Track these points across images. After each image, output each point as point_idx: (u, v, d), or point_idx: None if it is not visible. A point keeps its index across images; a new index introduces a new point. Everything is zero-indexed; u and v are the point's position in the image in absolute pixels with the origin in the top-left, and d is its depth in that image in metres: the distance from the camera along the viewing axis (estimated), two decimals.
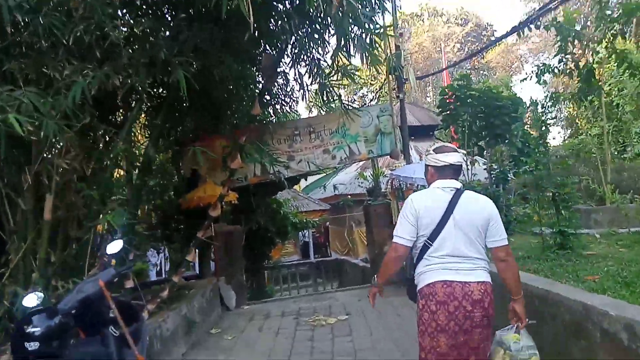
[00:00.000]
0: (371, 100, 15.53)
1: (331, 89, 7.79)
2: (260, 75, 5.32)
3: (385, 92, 11.39)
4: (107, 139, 5.03)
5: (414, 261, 2.62)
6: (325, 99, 7.80)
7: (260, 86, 5.97)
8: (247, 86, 6.05)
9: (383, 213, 9.02)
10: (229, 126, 6.93)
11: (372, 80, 30.18)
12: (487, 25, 35.23)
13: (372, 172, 9.91)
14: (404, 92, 9.29)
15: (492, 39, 34.52)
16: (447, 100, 9.49)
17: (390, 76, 9.28)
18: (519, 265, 5.27)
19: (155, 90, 5.12)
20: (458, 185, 2.58)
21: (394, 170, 9.01)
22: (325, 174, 22.01)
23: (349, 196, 13.01)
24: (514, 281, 2.63)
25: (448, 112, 9.46)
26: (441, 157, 2.58)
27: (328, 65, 7.37)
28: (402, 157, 9.53)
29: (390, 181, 9.66)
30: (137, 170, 4.92)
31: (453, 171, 2.60)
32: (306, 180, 15.19)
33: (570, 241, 5.41)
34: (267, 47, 5.50)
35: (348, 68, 7.46)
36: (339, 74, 7.37)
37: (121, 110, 5.38)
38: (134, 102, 4.96)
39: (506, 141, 9.25)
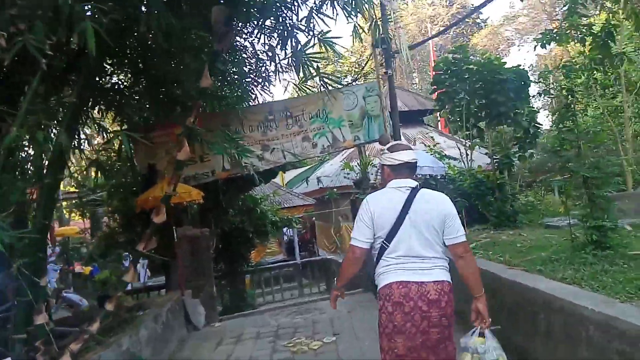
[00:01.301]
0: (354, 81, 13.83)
1: (308, 62, 6.59)
2: (212, 37, 4.07)
3: (371, 69, 10.18)
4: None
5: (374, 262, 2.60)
6: (301, 74, 6.58)
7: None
8: (194, 51, 4.77)
9: None
10: (179, 107, 5.65)
11: (356, 68, 28.93)
12: (472, 7, 34.13)
13: (359, 162, 8.72)
14: (393, 67, 8.08)
15: (478, 21, 33.56)
16: (442, 77, 8.36)
17: (376, 50, 8.09)
18: (548, 271, 4.22)
19: (66, 55, 3.84)
20: (414, 183, 2.57)
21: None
22: (309, 167, 20.80)
23: (335, 189, 11.90)
24: (474, 278, 2.57)
25: (443, 90, 8.32)
26: (396, 155, 2.58)
27: (303, 32, 6.17)
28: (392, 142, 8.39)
29: (379, 170, 8.50)
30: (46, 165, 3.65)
31: (408, 169, 2.60)
32: (284, 172, 13.96)
33: (610, 238, 4.32)
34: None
35: (326, 35, 6.28)
36: (317, 42, 6.18)
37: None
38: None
39: (508, 121, 8.15)
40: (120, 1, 3.33)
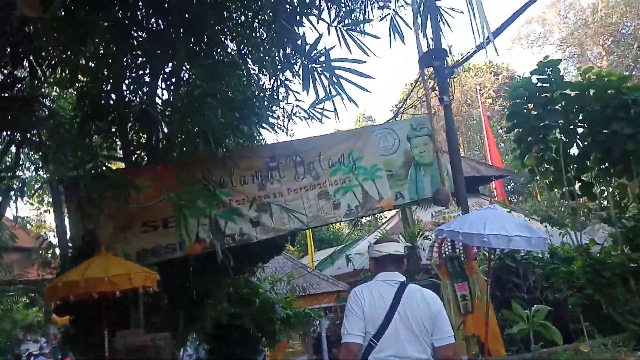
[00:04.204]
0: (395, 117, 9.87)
1: (322, 73, 4.23)
2: None
3: (418, 99, 7.72)
4: None
5: None
6: (314, 88, 4.18)
7: None
8: None
9: None
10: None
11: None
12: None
13: (403, 231, 5.96)
14: (450, 94, 5.58)
15: None
16: (523, 107, 5.76)
17: (424, 69, 5.67)
18: None
19: None
20: (401, 278, 2.41)
21: (443, 225, 5.05)
22: (351, 242, 17.64)
23: (370, 272, 9.01)
24: None
25: (527, 126, 5.67)
26: (379, 247, 2.48)
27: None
28: (453, 203, 5.64)
29: (437, 244, 5.67)
30: None
31: (393, 262, 2.43)
32: (293, 245, 11.15)
33: None
34: None
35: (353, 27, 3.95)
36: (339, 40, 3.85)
37: None
38: None
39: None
40: None
